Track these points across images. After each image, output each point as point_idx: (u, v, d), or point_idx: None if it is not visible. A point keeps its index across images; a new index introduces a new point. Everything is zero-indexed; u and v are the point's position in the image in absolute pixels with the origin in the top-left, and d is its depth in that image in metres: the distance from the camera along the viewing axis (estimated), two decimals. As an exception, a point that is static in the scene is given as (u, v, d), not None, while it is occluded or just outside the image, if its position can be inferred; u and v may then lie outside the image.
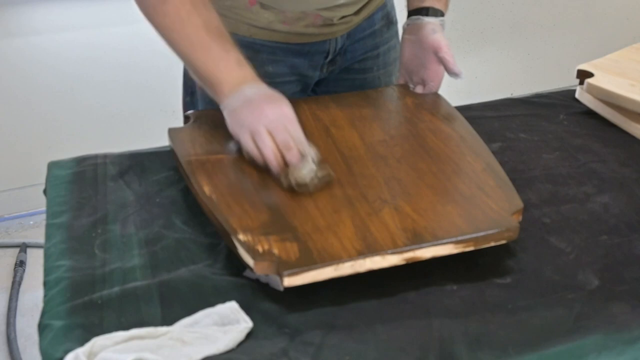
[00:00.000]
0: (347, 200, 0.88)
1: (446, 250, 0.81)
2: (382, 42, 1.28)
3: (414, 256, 0.80)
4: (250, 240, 0.80)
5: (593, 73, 1.21)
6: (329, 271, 0.77)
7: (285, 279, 0.75)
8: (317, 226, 0.82)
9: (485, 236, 0.82)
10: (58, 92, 2.19)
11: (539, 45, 2.86)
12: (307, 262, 0.77)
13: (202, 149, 0.97)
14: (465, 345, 0.73)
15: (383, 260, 0.78)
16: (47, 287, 0.82)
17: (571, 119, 1.20)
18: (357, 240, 0.80)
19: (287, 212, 0.85)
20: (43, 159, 1.12)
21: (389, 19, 1.29)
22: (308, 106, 1.09)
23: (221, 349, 0.72)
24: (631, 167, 1.06)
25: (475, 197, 0.89)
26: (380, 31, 1.27)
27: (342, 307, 0.78)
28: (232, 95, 0.95)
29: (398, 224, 0.83)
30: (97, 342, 0.71)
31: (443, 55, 1.11)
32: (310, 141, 0.93)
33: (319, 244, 0.79)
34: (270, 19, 1.12)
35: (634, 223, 0.93)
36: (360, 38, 1.24)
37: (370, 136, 1.01)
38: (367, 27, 1.24)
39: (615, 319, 0.77)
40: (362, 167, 0.94)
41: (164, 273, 0.84)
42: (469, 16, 2.67)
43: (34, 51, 2.12)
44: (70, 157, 1.08)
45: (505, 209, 0.86)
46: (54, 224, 0.93)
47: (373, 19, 1.25)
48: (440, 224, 0.83)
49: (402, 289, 0.81)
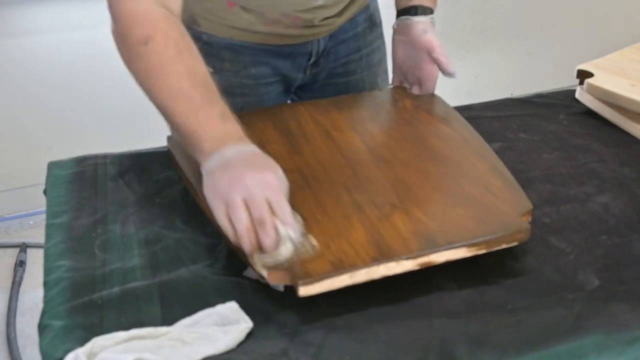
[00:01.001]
0: (355, 205, 0.87)
1: (459, 254, 0.80)
2: (365, 44, 1.26)
3: (428, 261, 0.79)
4: None
5: (593, 73, 1.21)
6: (344, 279, 0.76)
7: (300, 288, 0.74)
8: (328, 233, 0.81)
9: (497, 238, 0.82)
10: (58, 92, 2.19)
11: (539, 45, 2.86)
12: (322, 270, 0.76)
13: None
14: (465, 346, 0.73)
15: (397, 266, 0.78)
16: (47, 287, 0.82)
17: (571, 119, 1.20)
18: (370, 247, 0.79)
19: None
20: (43, 159, 1.12)
21: (372, 20, 1.27)
22: (307, 110, 1.09)
23: (221, 349, 0.72)
24: (631, 167, 1.06)
25: (484, 199, 0.88)
26: (363, 33, 1.25)
27: (342, 307, 0.78)
28: (212, 156, 0.83)
29: (410, 229, 0.82)
30: (97, 342, 0.71)
31: (436, 56, 1.10)
32: (294, 210, 0.82)
33: (332, 251, 0.78)
34: (250, 21, 1.11)
35: (634, 223, 0.93)
36: (343, 40, 1.23)
37: (372, 139, 1.00)
38: (350, 29, 1.23)
39: (615, 319, 0.77)
40: (367, 170, 0.94)
41: (164, 273, 0.84)
42: (469, 16, 2.67)
43: (34, 51, 2.12)
44: (70, 157, 1.08)
45: (515, 210, 0.86)
46: (54, 224, 0.93)
47: (356, 21, 1.23)
48: (451, 227, 0.83)
49: (403, 289, 0.81)
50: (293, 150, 0.97)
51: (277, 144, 0.99)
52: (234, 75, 1.16)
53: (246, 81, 1.16)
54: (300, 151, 0.97)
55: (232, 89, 1.14)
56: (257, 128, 1.02)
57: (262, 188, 0.79)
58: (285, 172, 0.90)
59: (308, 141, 0.99)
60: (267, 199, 0.79)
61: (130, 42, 0.89)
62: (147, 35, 0.88)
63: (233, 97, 1.12)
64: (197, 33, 1.13)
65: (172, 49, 0.88)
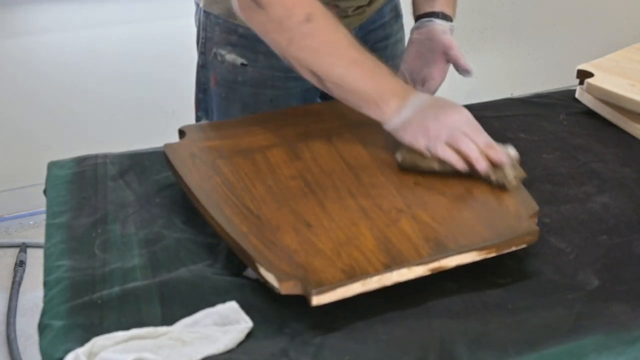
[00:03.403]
0: (362, 211, 0.86)
1: (469, 258, 0.80)
2: (392, 34, 1.30)
3: (439, 266, 0.79)
4: (273, 259, 0.77)
5: (593, 73, 1.21)
6: (356, 287, 0.75)
7: (314, 298, 0.73)
8: (337, 241, 0.81)
9: (506, 241, 0.82)
10: (58, 92, 2.19)
11: (539, 45, 2.86)
12: (334, 278, 0.75)
13: (207, 167, 0.94)
14: (465, 345, 0.73)
15: (409, 272, 0.77)
16: (47, 287, 0.82)
17: (571, 119, 1.20)
18: (381, 253, 0.79)
19: (304, 228, 0.83)
20: (43, 159, 1.11)
21: (397, 11, 1.31)
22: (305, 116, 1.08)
23: (221, 349, 0.72)
24: (631, 167, 1.06)
25: (490, 202, 0.88)
26: (389, 23, 1.29)
27: (342, 307, 0.78)
28: (403, 107, 0.93)
29: (419, 234, 0.82)
30: (97, 342, 0.71)
31: (454, 53, 1.12)
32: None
33: (343, 259, 0.78)
34: None
35: (634, 223, 0.93)
36: (371, 30, 1.26)
37: (372, 143, 0.99)
38: (378, 18, 1.26)
39: (615, 319, 0.77)
40: (371, 176, 0.93)
41: (164, 273, 0.84)
42: (469, 16, 2.67)
43: (34, 51, 2.12)
44: (70, 157, 1.08)
45: (522, 212, 0.86)
46: (54, 224, 0.93)
47: (383, 11, 1.27)
48: (461, 231, 0.82)
49: (402, 289, 0.81)
50: (294, 156, 0.96)
51: (277, 149, 0.98)
52: (267, 68, 1.18)
53: (278, 74, 1.18)
54: (301, 157, 0.96)
55: (264, 81, 1.20)
56: (255, 133, 1.01)
57: (471, 121, 0.93)
58: (287, 179, 0.91)
59: (308, 146, 0.98)
60: (478, 129, 0.92)
61: (291, 22, 0.94)
62: (307, 13, 0.94)
63: (264, 89, 1.20)
64: (233, 26, 1.17)
65: (332, 23, 0.95)
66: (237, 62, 1.19)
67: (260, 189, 0.90)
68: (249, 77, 1.20)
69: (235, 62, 1.19)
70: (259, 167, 0.94)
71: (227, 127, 1.05)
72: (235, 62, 1.19)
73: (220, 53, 1.20)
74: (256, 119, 1.07)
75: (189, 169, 0.94)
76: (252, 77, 1.20)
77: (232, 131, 1.03)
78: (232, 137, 1.01)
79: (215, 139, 0.99)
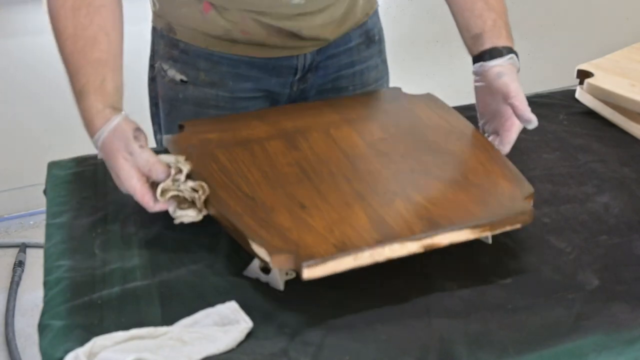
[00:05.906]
0: (357, 194, 0.87)
1: (463, 235, 0.80)
2: (360, 61, 1.21)
3: (432, 243, 0.79)
4: (266, 235, 0.79)
5: (593, 73, 1.21)
6: (348, 261, 0.76)
7: (304, 270, 0.74)
8: (330, 219, 0.82)
9: (500, 220, 0.82)
10: (58, 92, 2.18)
11: (539, 45, 2.86)
12: (326, 253, 0.76)
13: (204, 156, 0.95)
14: (465, 345, 0.73)
15: (402, 248, 0.78)
16: (47, 287, 0.82)
17: (571, 119, 1.20)
18: (374, 230, 0.79)
19: (298, 209, 0.84)
20: (43, 159, 1.12)
21: (369, 36, 1.22)
22: (301, 110, 1.09)
23: (221, 349, 0.72)
24: (631, 167, 1.06)
25: (485, 185, 0.89)
26: (357, 49, 1.20)
27: (342, 307, 0.78)
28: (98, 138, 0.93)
29: (412, 214, 0.83)
30: (97, 342, 0.71)
31: (512, 101, 0.99)
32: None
33: (335, 235, 0.79)
34: (227, 27, 1.07)
35: (634, 223, 0.93)
36: (334, 54, 1.17)
37: (369, 135, 1.01)
38: (342, 43, 1.17)
39: (615, 319, 0.77)
40: (367, 163, 0.94)
41: (164, 273, 0.84)
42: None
43: (34, 51, 2.12)
44: (70, 157, 1.09)
45: (517, 194, 0.87)
46: (54, 224, 0.93)
47: (349, 36, 1.18)
48: (455, 212, 0.83)
49: (402, 289, 0.81)
50: (291, 146, 0.97)
51: (275, 140, 0.99)
52: (210, 86, 1.13)
53: (222, 94, 1.14)
54: (299, 147, 0.97)
55: (206, 100, 1.14)
56: (253, 126, 1.02)
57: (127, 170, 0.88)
58: (283, 166, 0.92)
59: (306, 138, 0.99)
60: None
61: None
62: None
63: (207, 108, 1.14)
64: (174, 41, 1.13)
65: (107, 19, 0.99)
66: (177, 79, 1.14)
67: (257, 175, 0.90)
68: (190, 94, 1.14)
69: (175, 78, 1.14)
70: (256, 156, 0.95)
71: (227, 121, 1.06)
72: (175, 78, 1.14)
73: (163, 68, 1.16)
74: (256, 114, 1.08)
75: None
76: (194, 95, 1.14)
77: (231, 125, 1.03)
78: (231, 130, 1.01)
79: (215, 131, 1.00)
